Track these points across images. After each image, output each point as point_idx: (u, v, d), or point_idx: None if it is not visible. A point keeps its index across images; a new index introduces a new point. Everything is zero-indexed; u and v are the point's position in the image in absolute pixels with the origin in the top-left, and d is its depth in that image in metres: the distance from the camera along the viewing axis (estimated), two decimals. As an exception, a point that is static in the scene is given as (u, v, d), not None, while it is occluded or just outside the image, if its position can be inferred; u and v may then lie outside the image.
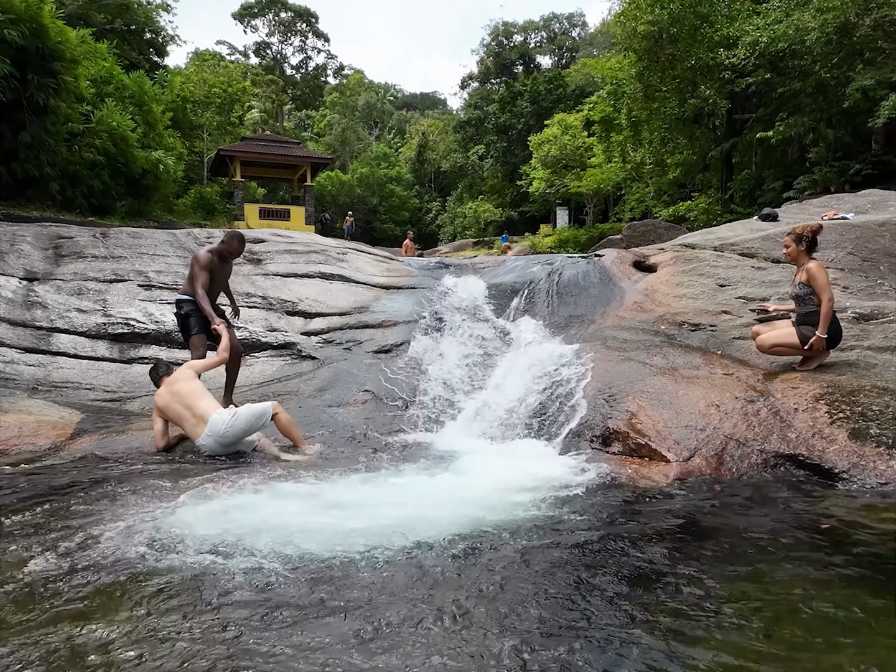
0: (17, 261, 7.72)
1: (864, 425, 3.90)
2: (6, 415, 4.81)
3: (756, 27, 17.00)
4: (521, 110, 37.26)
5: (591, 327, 6.46)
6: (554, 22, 51.71)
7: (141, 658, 1.82)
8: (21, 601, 2.20)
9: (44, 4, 13.48)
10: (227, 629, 2.00)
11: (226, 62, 41.43)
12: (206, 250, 5.32)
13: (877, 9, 14.32)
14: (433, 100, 72.34)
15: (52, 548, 2.64)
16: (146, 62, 24.90)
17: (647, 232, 15.80)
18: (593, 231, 28.00)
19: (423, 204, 47.16)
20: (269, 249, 9.05)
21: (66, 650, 1.87)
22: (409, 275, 8.93)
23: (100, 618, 2.08)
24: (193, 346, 5.27)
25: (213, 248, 5.37)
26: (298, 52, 58.21)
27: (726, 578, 2.43)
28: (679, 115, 20.89)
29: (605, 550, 2.69)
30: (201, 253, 5.29)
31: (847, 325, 5.12)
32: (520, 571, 2.48)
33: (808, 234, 4.82)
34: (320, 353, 6.75)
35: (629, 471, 3.93)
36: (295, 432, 4.53)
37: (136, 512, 3.06)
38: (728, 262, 7.45)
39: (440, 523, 2.97)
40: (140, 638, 1.94)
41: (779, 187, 19.23)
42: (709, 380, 4.67)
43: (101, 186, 15.53)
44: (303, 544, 2.67)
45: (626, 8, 21.14)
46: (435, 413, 5.30)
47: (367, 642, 1.92)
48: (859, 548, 2.72)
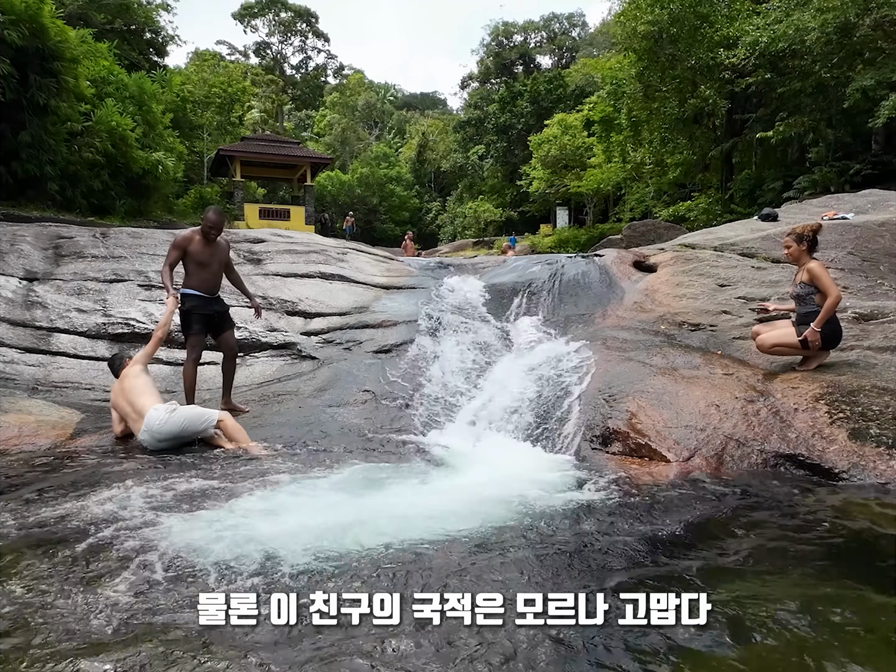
0: (17, 261, 7.72)
1: (864, 425, 3.90)
2: (6, 415, 4.80)
3: (756, 27, 17.01)
4: (521, 110, 37.25)
5: (592, 327, 6.46)
6: (554, 22, 51.71)
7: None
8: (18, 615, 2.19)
9: (44, 5, 13.47)
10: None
11: (226, 62, 41.45)
12: (186, 231, 5.35)
13: (877, 9, 14.32)
14: (433, 100, 72.35)
15: (51, 548, 2.64)
16: (146, 62, 24.89)
17: (647, 232, 15.81)
18: (593, 231, 28.00)
19: (423, 204, 47.15)
20: (268, 249, 9.05)
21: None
22: (409, 275, 8.93)
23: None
24: (190, 346, 5.26)
25: (194, 228, 5.38)
26: (298, 52, 58.26)
27: (726, 578, 2.43)
28: (679, 115, 20.88)
29: (605, 550, 2.69)
30: (178, 233, 5.30)
31: (847, 325, 5.12)
32: (517, 572, 2.48)
33: (809, 234, 4.82)
34: (320, 353, 6.75)
35: (629, 471, 3.93)
36: (240, 437, 4.45)
37: (133, 511, 3.06)
38: (728, 262, 7.45)
39: (441, 523, 2.97)
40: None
41: (779, 187, 19.23)
42: (709, 380, 4.67)
43: (100, 186, 15.52)
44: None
45: (626, 8, 21.14)
46: (435, 413, 5.29)
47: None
48: (859, 548, 2.72)
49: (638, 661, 1.87)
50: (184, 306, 5.21)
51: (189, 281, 5.23)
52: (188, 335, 5.29)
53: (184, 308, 5.21)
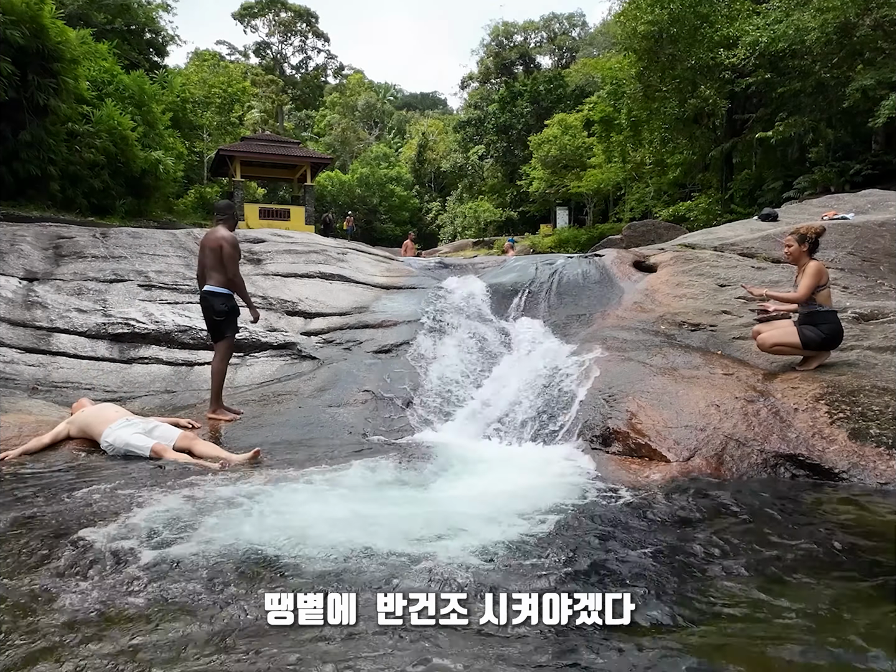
0: (17, 261, 7.72)
1: (864, 425, 3.90)
2: (6, 415, 4.80)
3: (756, 27, 17.00)
4: (521, 110, 37.22)
5: (591, 327, 6.46)
6: (554, 22, 51.64)
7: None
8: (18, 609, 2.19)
9: (44, 5, 13.50)
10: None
11: (226, 62, 41.44)
12: (228, 233, 5.21)
13: (877, 9, 14.32)
14: (433, 100, 72.32)
15: (50, 548, 2.64)
16: (146, 62, 24.87)
17: (647, 232, 15.78)
18: (593, 231, 27.98)
19: (423, 204, 47.13)
20: (269, 249, 9.05)
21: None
22: (409, 275, 8.93)
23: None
24: (228, 346, 5.22)
25: (225, 228, 5.29)
26: (298, 52, 58.21)
27: (724, 578, 2.43)
28: (679, 115, 20.89)
29: (604, 550, 2.69)
30: (224, 236, 5.16)
31: (847, 325, 5.11)
32: (514, 573, 2.48)
33: (812, 236, 4.80)
34: (320, 353, 6.75)
35: (629, 471, 3.93)
36: (215, 452, 4.33)
37: (131, 510, 3.06)
38: (728, 262, 7.44)
39: (441, 524, 2.97)
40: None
41: (779, 187, 19.23)
42: (709, 380, 4.67)
43: (101, 186, 15.53)
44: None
45: (626, 8, 21.14)
46: (435, 413, 5.29)
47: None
48: (859, 547, 2.72)
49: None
50: (226, 307, 5.18)
51: (224, 278, 5.18)
52: (232, 335, 5.28)
53: (225, 308, 5.18)
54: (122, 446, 4.33)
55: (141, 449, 4.29)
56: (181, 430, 4.62)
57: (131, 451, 4.30)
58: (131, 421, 4.54)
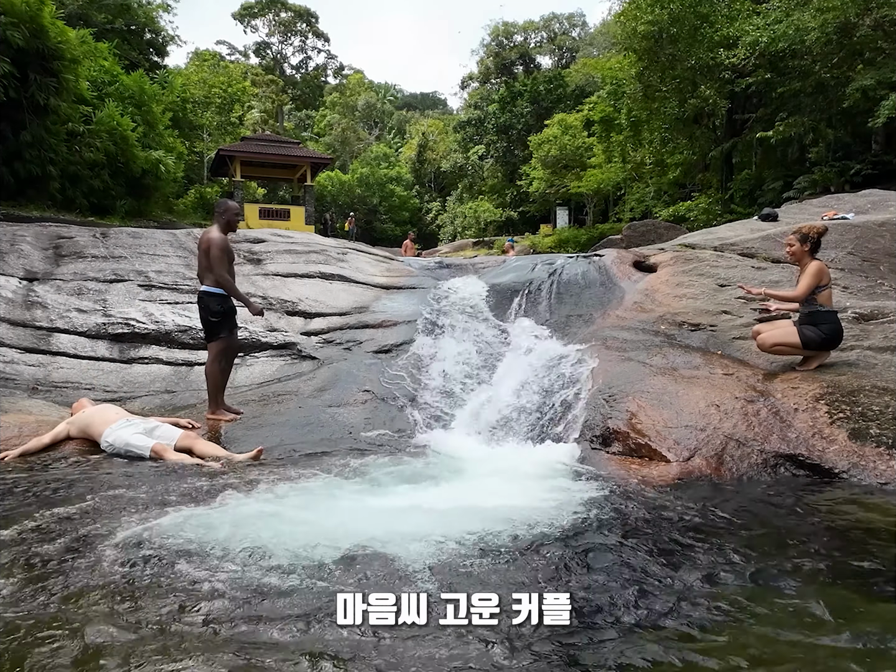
0: (17, 261, 7.72)
1: (864, 425, 3.90)
2: (6, 415, 4.80)
3: (756, 27, 17.01)
4: (521, 110, 37.23)
5: (591, 327, 6.45)
6: (554, 22, 51.63)
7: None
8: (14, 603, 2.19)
9: (44, 5, 13.49)
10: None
11: (226, 62, 41.44)
12: (217, 233, 5.19)
13: (877, 9, 14.33)
14: (433, 100, 72.32)
15: (49, 548, 2.64)
16: (146, 62, 24.87)
17: (647, 232, 15.78)
18: (593, 231, 27.98)
19: (423, 204, 47.13)
20: (269, 249, 9.05)
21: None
22: (409, 275, 8.92)
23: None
24: (215, 349, 5.18)
25: (215, 228, 5.26)
26: (298, 52, 58.20)
27: (724, 578, 2.43)
28: (679, 115, 20.89)
29: (604, 550, 2.69)
30: (214, 237, 5.14)
31: (847, 325, 5.11)
32: (514, 574, 2.48)
33: (814, 235, 4.80)
34: (320, 353, 6.75)
35: (629, 471, 3.93)
36: (216, 452, 4.33)
37: (130, 512, 3.06)
38: (728, 262, 7.44)
39: (441, 525, 2.97)
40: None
41: (779, 187, 19.23)
42: (709, 380, 4.67)
43: (101, 186, 15.53)
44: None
45: (626, 8, 21.15)
46: (435, 413, 5.30)
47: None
48: (859, 549, 2.72)
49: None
50: (222, 307, 5.18)
51: (217, 277, 5.17)
52: (228, 335, 5.26)
53: (222, 309, 5.18)
54: (123, 446, 4.33)
55: (141, 449, 4.28)
56: (182, 430, 4.63)
57: (131, 451, 4.30)
58: (132, 421, 4.54)
